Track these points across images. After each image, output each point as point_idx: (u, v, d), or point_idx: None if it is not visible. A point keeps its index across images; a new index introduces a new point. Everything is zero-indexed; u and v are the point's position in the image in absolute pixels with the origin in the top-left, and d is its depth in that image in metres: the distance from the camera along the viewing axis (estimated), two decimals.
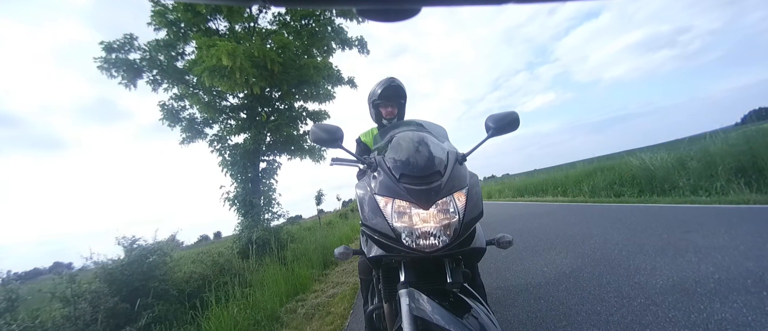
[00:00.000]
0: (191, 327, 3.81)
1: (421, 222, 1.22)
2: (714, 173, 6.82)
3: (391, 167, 1.35)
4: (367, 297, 2.17)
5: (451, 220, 1.22)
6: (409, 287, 1.22)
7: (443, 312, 1.13)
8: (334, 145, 1.56)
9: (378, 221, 1.27)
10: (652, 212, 5.63)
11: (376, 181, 1.35)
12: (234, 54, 5.53)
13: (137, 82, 7.41)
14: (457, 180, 1.30)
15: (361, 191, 1.42)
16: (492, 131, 1.53)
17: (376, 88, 2.21)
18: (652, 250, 3.55)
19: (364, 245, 1.43)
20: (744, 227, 3.78)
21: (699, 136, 10.83)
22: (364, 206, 1.37)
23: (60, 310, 3.85)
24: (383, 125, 2.26)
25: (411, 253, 1.22)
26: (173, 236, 5.20)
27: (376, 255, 1.30)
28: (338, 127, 1.55)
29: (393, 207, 1.25)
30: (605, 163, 11.87)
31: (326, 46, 7.91)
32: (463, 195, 1.27)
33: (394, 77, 2.21)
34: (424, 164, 1.31)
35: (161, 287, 4.42)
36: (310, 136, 1.55)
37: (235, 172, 8.00)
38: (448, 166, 1.32)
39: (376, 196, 1.30)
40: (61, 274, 4.09)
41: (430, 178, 1.28)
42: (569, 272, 3.37)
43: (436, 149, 1.38)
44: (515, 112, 1.54)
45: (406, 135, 1.51)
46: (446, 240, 1.21)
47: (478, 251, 1.31)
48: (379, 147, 1.62)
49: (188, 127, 8.32)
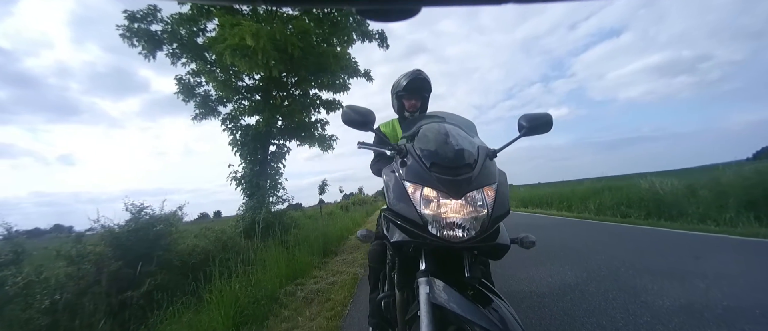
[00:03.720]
0: (192, 298, 3.83)
1: (451, 212, 1.21)
2: (724, 204, 6.78)
3: (421, 154, 1.33)
4: (375, 285, 2.17)
5: (480, 213, 1.21)
6: (428, 276, 1.21)
7: (463, 302, 1.11)
8: (365, 129, 1.55)
9: (404, 206, 1.26)
10: (659, 235, 5.59)
11: (405, 167, 1.34)
12: (258, 35, 5.53)
13: (157, 53, 7.43)
14: (487, 175, 1.28)
15: (389, 175, 1.41)
16: (524, 131, 1.51)
17: (402, 80, 2.17)
18: (659, 272, 3.52)
19: (386, 229, 1.39)
20: (754, 259, 3.75)
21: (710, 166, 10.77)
22: (389, 191, 1.36)
23: (64, 269, 3.89)
24: (405, 117, 2.25)
25: (436, 242, 1.20)
26: (181, 207, 5.22)
27: (398, 240, 1.28)
28: (371, 110, 1.54)
29: (421, 194, 1.24)
30: (613, 182, 11.81)
31: (347, 36, 7.89)
32: (492, 190, 1.26)
33: (421, 70, 2.16)
34: (455, 156, 1.29)
35: (165, 256, 4.45)
36: (341, 116, 1.54)
37: (245, 152, 8.01)
38: (478, 160, 1.31)
39: (404, 181, 1.29)
40: (69, 234, 4.13)
41: (460, 170, 1.26)
42: (575, 284, 3.36)
43: (466, 143, 1.37)
44: (549, 114, 1.52)
45: (436, 126, 1.49)
46: (473, 233, 1.20)
47: (503, 247, 1.29)
48: (409, 135, 1.60)
49: (202, 103, 8.33)
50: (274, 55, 6.12)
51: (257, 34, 5.59)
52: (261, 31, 5.64)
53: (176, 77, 8.11)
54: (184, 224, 7.52)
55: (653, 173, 9.81)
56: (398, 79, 2.22)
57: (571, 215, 10.04)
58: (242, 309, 3.49)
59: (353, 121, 1.50)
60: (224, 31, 6.05)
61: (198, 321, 3.18)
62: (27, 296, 3.44)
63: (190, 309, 3.59)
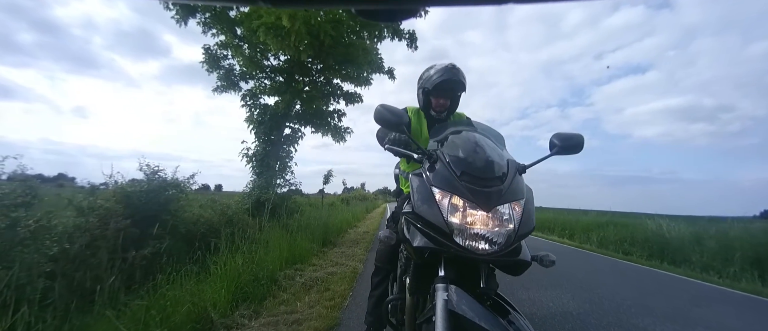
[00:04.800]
0: (194, 267, 3.85)
1: (478, 223, 1.20)
2: (730, 257, 6.72)
3: (451, 162, 1.32)
4: (378, 284, 2.16)
5: (507, 228, 1.20)
6: (447, 283, 1.21)
7: (482, 311, 1.11)
8: (398, 129, 1.55)
9: (430, 212, 1.25)
10: (662, 278, 5.56)
11: (434, 172, 1.33)
12: (294, 17, 5.56)
13: (189, 20, 7.48)
14: (516, 190, 1.28)
15: (417, 179, 1.40)
16: (556, 149, 1.51)
17: (433, 75, 1.94)
18: (660, 314, 3.50)
19: (407, 232, 1.39)
20: (756, 316, 3.72)
21: (716, 217, 10.67)
22: (415, 195, 1.35)
23: (74, 219, 3.92)
24: (430, 115, 2.09)
25: (460, 252, 1.20)
26: (193, 175, 5.23)
27: (421, 245, 1.27)
28: (403, 111, 1.53)
29: (449, 202, 1.23)
30: (618, 219, 11.73)
31: (378, 32, 7.89)
32: (520, 206, 1.26)
33: (455, 66, 1.93)
34: (486, 167, 1.29)
35: (172, 222, 4.47)
36: (374, 114, 1.52)
37: (260, 131, 8.05)
38: (508, 174, 1.30)
39: (432, 187, 1.28)
40: (87, 185, 4.16)
41: (490, 181, 1.26)
42: (576, 314, 3.35)
43: (496, 155, 1.36)
44: (582, 136, 1.51)
45: (469, 135, 1.48)
46: (497, 247, 1.19)
47: (524, 263, 1.29)
48: (439, 140, 1.59)
49: (225, 76, 8.35)
50: (306, 39, 6.14)
51: (294, 15, 5.62)
52: (297, 13, 5.67)
53: (204, 47, 8.16)
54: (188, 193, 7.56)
55: (658, 216, 9.74)
56: (428, 73, 1.99)
57: (572, 244, 9.98)
58: (243, 286, 3.51)
59: (386, 120, 1.50)
60: (260, 8, 6.07)
61: (200, 291, 3.19)
62: (36, 240, 3.47)
63: (192, 278, 3.62)
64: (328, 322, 2.91)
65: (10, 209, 3.46)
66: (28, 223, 3.52)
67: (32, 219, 3.59)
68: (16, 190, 3.95)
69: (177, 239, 4.38)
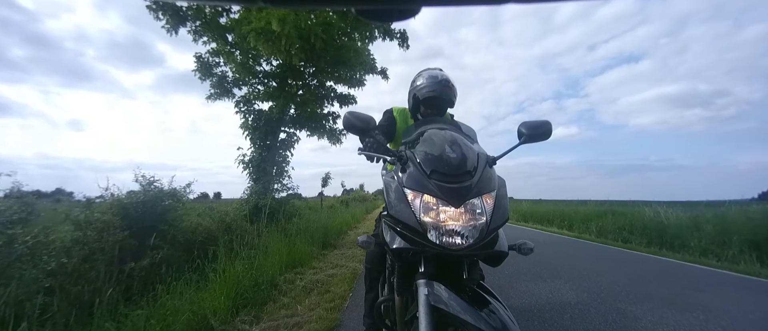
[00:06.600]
0: (193, 275, 3.86)
1: (449, 220, 1.22)
2: (727, 240, 6.76)
3: (421, 161, 1.33)
4: (371, 286, 2.17)
5: (479, 221, 1.22)
6: (427, 279, 1.22)
7: (462, 304, 1.12)
8: (366, 135, 1.57)
9: (404, 213, 1.26)
10: (661, 264, 5.59)
11: (405, 173, 1.34)
12: (284, 21, 5.56)
13: (179, 29, 7.46)
14: (486, 182, 1.29)
15: (389, 181, 1.41)
16: (524, 138, 1.51)
17: (424, 86, 1.93)
18: (659, 300, 3.53)
19: (386, 235, 1.40)
20: (755, 297, 3.74)
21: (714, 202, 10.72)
22: (390, 197, 1.36)
23: (71, 233, 3.92)
24: (417, 118, 2.08)
25: (436, 249, 1.21)
26: (189, 184, 5.23)
27: (398, 247, 1.29)
28: (371, 117, 1.53)
29: (421, 201, 1.24)
30: (616, 207, 11.77)
31: (369, 32, 7.89)
32: (492, 198, 1.27)
33: (446, 78, 1.91)
34: (456, 163, 1.30)
35: (170, 231, 4.48)
36: (343, 121, 1.53)
37: (256, 136, 8.05)
38: (478, 167, 1.31)
39: (404, 188, 1.29)
40: (70, 199, 4.15)
41: (460, 177, 1.27)
42: (574, 304, 3.37)
43: (467, 150, 1.36)
44: (549, 122, 1.52)
45: (439, 132, 1.48)
46: (471, 241, 1.21)
47: (501, 254, 1.30)
48: (409, 141, 1.57)
49: (218, 83, 8.35)
50: (297, 43, 6.15)
51: (284, 19, 5.62)
52: (288, 16, 5.67)
53: (195, 55, 8.16)
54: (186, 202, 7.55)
55: (656, 203, 9.79)
56: (420, 81, 1.98)
57: (571, 235, 10.01)
58: (243, 292, 3.52)
59: (354, 126, 1.49)
60: (250, 14, 6.08)
61: (199, 299, 3.20)
62: (34, 256, 3.47)
63: (191, 287, 3.62)
64: (328, 323, 2.92)
65: (7, 226, 3.45)
66: (26, 239, 3.52)
67: (29, 235, 3.60)
68: (12, 206, 3.95)
69: (175, 249, 4.38)
